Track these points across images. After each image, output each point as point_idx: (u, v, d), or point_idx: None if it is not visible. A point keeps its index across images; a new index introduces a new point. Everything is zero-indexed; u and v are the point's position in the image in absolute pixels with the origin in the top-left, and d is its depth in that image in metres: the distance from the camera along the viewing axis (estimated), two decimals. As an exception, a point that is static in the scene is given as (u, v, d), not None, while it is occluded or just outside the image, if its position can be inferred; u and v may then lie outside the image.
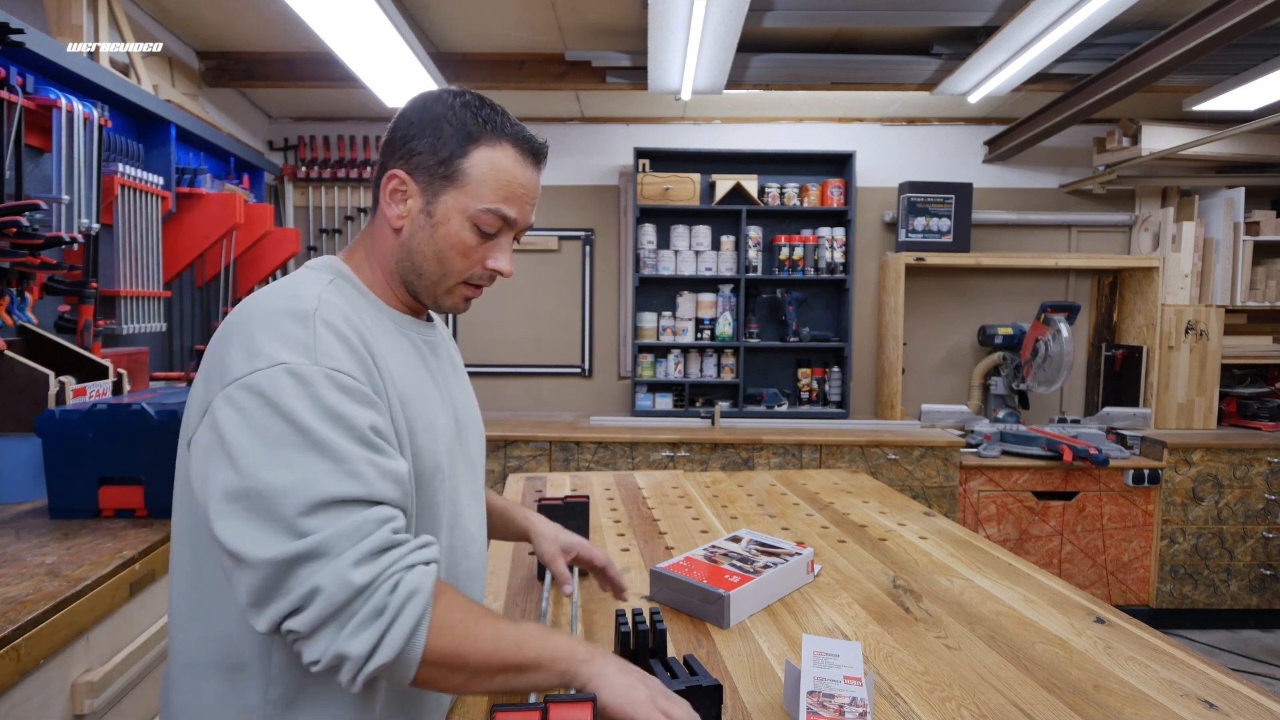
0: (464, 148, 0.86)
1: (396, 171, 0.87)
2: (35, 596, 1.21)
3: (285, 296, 0.80)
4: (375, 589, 0.70)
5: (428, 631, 0.72)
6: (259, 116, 3.81)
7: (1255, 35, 2.79)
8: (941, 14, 2.75)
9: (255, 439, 0.71)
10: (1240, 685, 1.03)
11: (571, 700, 0.72)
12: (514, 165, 0.88)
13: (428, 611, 0.72)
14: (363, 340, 0.81)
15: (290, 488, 0.70)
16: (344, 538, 0.70)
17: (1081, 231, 4.01)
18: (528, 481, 2.23)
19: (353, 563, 0.69)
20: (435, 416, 0.89)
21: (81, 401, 1.80)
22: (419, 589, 0.72)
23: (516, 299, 4.00)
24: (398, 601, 0.70)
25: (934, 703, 0.98)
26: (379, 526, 0.73)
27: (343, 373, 0.76)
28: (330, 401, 0.74)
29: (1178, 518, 3.40)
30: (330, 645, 0.69)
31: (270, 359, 0.74)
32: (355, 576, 0.69)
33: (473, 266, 0.90)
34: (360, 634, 0.69)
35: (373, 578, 0.70)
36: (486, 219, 0.87)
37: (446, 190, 0.86)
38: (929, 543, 1.67)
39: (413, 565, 0.74)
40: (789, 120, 3.98)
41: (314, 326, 0.77)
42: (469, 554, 0.96)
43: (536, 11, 2.82)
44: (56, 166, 2.02)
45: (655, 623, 0.98)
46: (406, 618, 0.70)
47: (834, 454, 3.38)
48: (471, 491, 0.99)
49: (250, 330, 0.76)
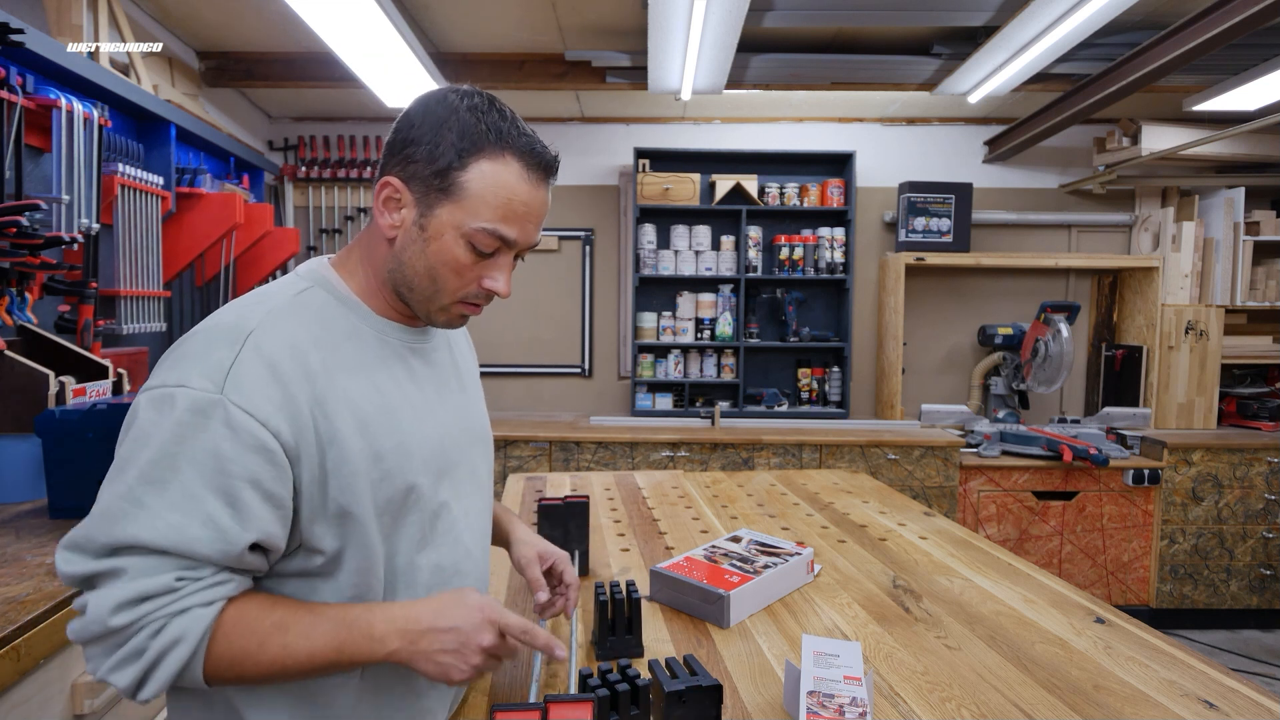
0: (463, 159, 0.79)
1: (391, 179, 0.82)
2: (35, 596, 1.21)
3: (238, 311, 0.79)
4: (134, 633, 0.70)
5: (204, 664, 0.73)
6: (259, 116, 3.81)
7: (1255, 35, 2.79)
8: (941, 14, 2.75)
9: (127, 449, 0.73)
10: (1240, 685, 1.03)
11: (572, 700, 0.73)
12: (517, 181, 0.81)
13: (198, 654, 0.72)
14: (304, 368, 0.77)
15: (110, 514, 0.71)
16: (129, 573, 0.71)
17: (1081, 231, 4.01)
18: (528, 481, 2.23)
19: (115, 604, 0.70)
20: (411, 435, 0.85)
21: (81, 401, 1.80)
22: (183, 637, 0.71)
23: (516, 299, 4.00)
24: (158, 648, 0.70)
25: (934, 703, 0.98)
26: (167, 571, 0.71)
27: (244, 410, 0.72)
28: (216, 442, 0.72)
29: (1178, 518, 3.40)
30: (98, 669, 0.72)
31: (179, 378, 0.73)
32: (112, 620, 0.70)
33: (467, 285, 0.85)
34: (122, 670, 0.71)
35: (129, 622, 0.70)
36: (482, 238, 0.81)
37: (441, 204, 0.81)
38: (929, 543, 1.67)
39: (186, 609, 0.72)
40: (789, 120, 3.98)
41: (240, 349, 0.75)
42: (460, 571, 0.92)
43: (536, 11, 2.82)
44: (56, 166, 2.02)
45: (631, 593, 1.08)
46: (168, 665, 0.71)
47: (834, 454, 3.38)
48: (468, 505, 0.95)
49: (190, 343, 0.77)
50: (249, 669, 0.74)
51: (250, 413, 0.72)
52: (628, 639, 1.09)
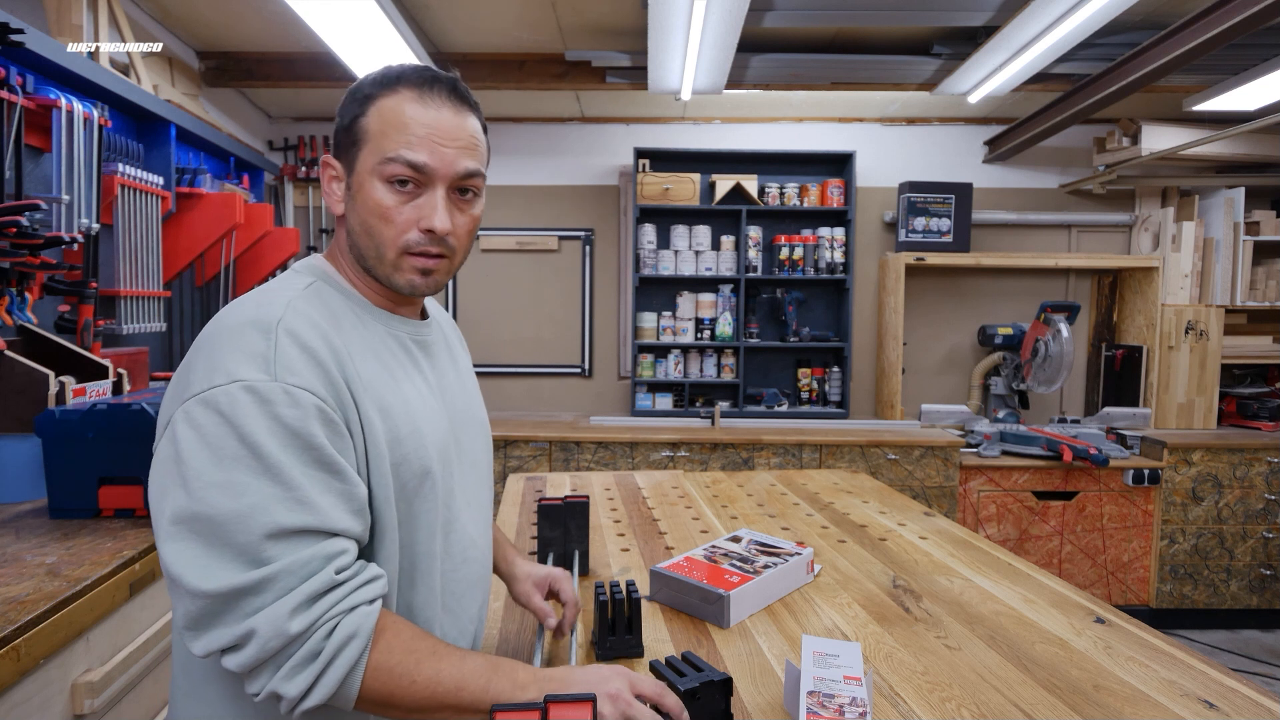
0: (363, 107, 0.83)
1: (327, 157, 0.88)
2: (35, 596, 1.21)
3: (254, 305, 0.79)
4: (311, 634, 0.70)
5: (364, 674, 0.72)
6: (259, 116, 3.81)
7: (1255, 35, 2.79)
8: (941, 14, 2.75)
9: (208, 459, 0.70)
10: (1240, 685, 1.03)
11: (571, 700, 0.72)
12: (412, 105, 0.82)
13: (365, 655, 0.72)
14: (332, 350, 0.78)
15: (240, 515, 0.69)
16: (288, 574, 0.70)
17: (1081, 231, 4.01)
18: (528, 481, 2.23)
19: (290, 610, 0.69)
20: (422, 420, 0.86)
21: (81, 401, 1.80)
22: (356, 633, 0.72)
23: (516, 299, 4.00)
24: (334, 646, 0.70)
25: (934, 703, 0.98)
26: (325, 564, 0.72)
27: (303, 389, 0.73)
28: (287, 420, 0.72)
29: (1178, 518, 3.40)
30: (267, 684, 0.70)
31: (229, 375, 0.72)
32: (291, 625, 0.69)
33: (404, 231, 0.83)
34: (295, 677, 0.70)
35: (309, 624, 0.70)
36: (391, 169, 0.81)
37: (356, 156, 0.84)
38: (929, 543, 1.67)
39: (354, 607, 0.73)
40: (789, 120, 3.98)
41: (276, 338, 0.75)
42: (467, 559, 0.93)
43: (536, 11, 2.82)
44: (56, 166, 2.02)
45: (630, 593, 1.08)
46: (341, 663, 0.70)
47: (834, 454, 3.38)
48: (471, 495, 0.96)
49: (215, 343, 0.75)
50: (402, 687, 0.73)
51: (309, 390, 0.74)
52: (627, 639, 1.10)
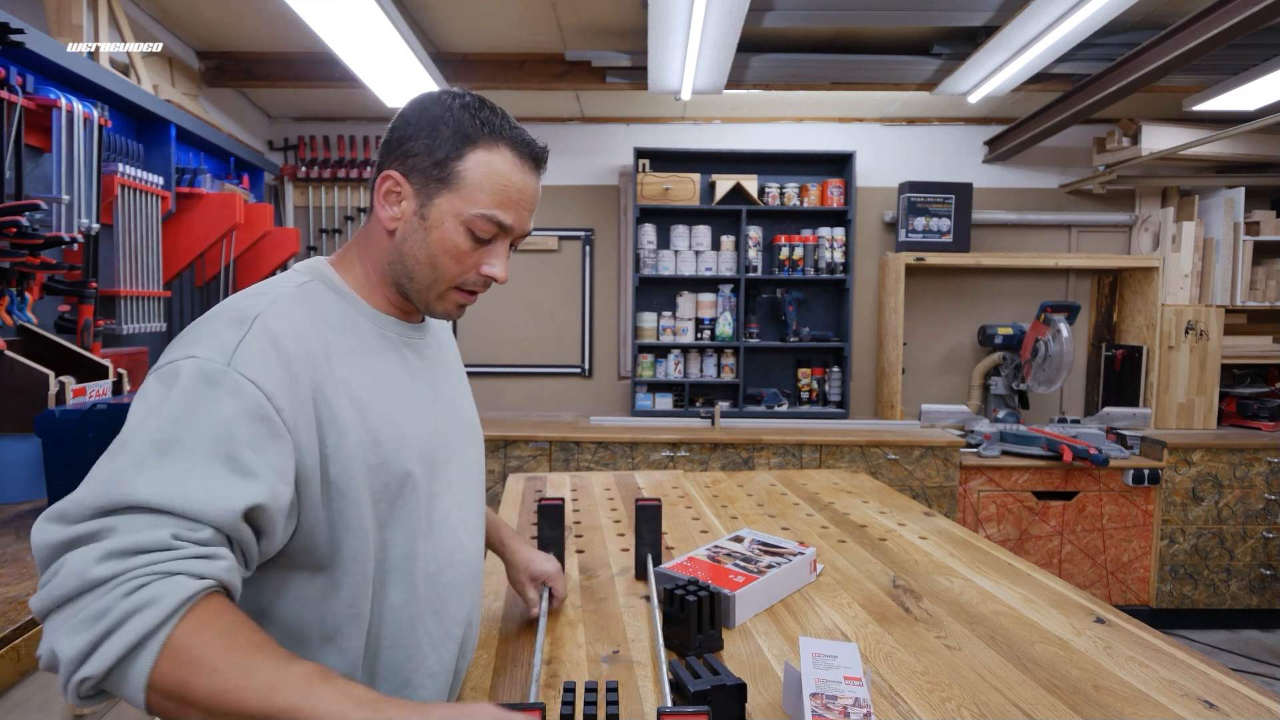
0: (459, 150, 0.84)
1: (391, 173, 0.86)
2: (35, 596, 1.21)
3: (242, 299, 0.81)
4: (111, 588, 0.61)
5: (159, 652, 0.60)
6: (259, 116, 3.81)
7: (1255, 35, 2.79)
8: (941, 14, 2.75)
9: (134, 422, 0.71)
10: (1240, 685, 1.03)
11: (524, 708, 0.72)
12: (511, 169, 0.86)
13: (164, 630, 0.61)
14: (307, 352, 0.78)
15: (106, 479, 0.66)
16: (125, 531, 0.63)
17: (1081, 231, 4.01)
18: (527, 481, 2.23)
19: (101, 554, 0.61)
20: (406, 423, 0.86)
21: (81, 401, 1.80)
22: (158, 599, 0.61)
23: (516, 299, 4.00)
24: (127, 608, 0.60)
25: (934, 703, 0.98)
26: (162, 528, 0.65)
27: (252, 381, 0.73)
28: (223, 407, 0.71)
29: (1178, 518, 3.40)
30: (49, 639, 0.61)
31: (188, 352, 0.74)
32: (95, 570, 0.61)
33: (466, 272, 0.88)
34: (76, 635, 0.60)
35: (113, 574, 0.61)
36: (480, 224, 0.85)
37: (441, 193, 0.85)
38: (929, 543, 1.67)
39: (174, 573, 0.63)
40: (789, 120, 3.98)
41: (248, 329, 0.76)
42: (454, 562, 0.93)
43: (536, 11, 2.82)
44: (56, 166, 2.02)
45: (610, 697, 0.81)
46: (130, 628, 0.60)
47: (834, 454, 3.38)
48: (460, 497, 0.96)
49: (197, 328, 0.77)
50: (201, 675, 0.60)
51: (256, 384, 0.73)
52: (712, 634, 1.11)
